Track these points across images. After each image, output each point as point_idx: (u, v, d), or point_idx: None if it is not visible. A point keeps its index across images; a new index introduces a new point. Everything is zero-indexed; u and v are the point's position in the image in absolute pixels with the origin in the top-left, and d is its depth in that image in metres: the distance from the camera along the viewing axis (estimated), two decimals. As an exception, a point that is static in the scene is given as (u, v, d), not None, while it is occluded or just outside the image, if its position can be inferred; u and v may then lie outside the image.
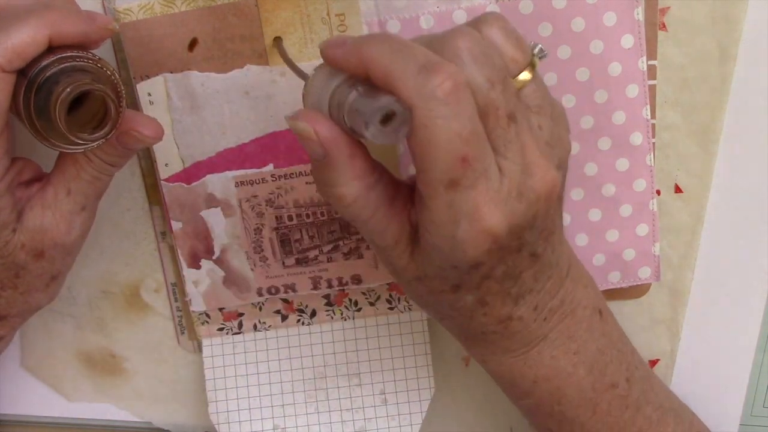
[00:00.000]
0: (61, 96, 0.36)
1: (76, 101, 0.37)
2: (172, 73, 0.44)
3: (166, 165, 0.47)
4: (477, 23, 0.34)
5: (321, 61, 0.35)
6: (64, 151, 0.38)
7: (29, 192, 0.40)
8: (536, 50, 0.35)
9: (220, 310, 0.50)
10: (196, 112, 0.45)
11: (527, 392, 0.41)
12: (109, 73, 0.37)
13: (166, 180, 0.47)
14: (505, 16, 0.35)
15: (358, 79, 0.33)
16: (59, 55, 0.37)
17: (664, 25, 0.45)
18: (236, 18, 0.43)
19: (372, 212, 0.35)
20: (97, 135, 0.38)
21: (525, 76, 0.34)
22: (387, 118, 0.31)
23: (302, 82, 0.37)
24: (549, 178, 0.34)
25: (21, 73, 0.36)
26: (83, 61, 0.37)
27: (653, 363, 0.51)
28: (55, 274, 0.42)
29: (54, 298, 0.44)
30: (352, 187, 0.34)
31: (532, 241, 0.36)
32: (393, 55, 0.31)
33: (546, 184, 0.34)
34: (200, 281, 0.49)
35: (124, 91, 0.38)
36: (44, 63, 0.36)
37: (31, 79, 0.36)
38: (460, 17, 0.43)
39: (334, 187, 0.34)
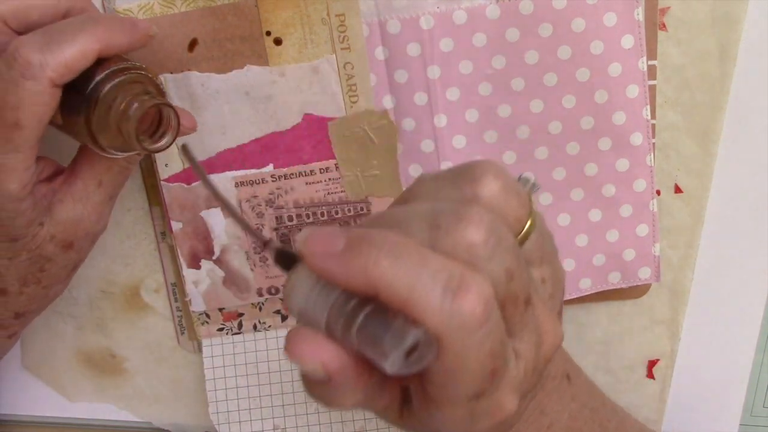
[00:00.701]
0: (131, 115, 0.37)
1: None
2: (172, 73, 0.44)
3: (166, 165, 0.47)
4: (473, 183, 0.30)
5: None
6: (116, 156, 0.40)
7: (53, 186, 0.41)
8: (529, 186, 0.31)
9: (220, 310, 0.50)
10: (196, 113, 0.45)
11: None
12: (156, 80, 0.39)
13: (166, 180, 0.47)
14: (496, 163, 0.30)
15: (360, 295, 0.27)
16: (111, 69, 0.38)
17: (664, 25, 0.45)
18: (236, 18, 0.43)
19: (366, 400, 0.31)
20: (161, 144, 0.39)
21: (527, 227, 0.31)
22: (410, 350, 0.26)
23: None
24: (557, 339, 0.32)
25: (67, 86, 0.37)
26: (134, 73, 0.38)
27: (653, 363, 0.51)
28: (77, 263, 0.44)
29: (65, 288, 0.45)
30: (353, 399, 0.30)
31: None
32: (408, 277, 0.26)
33: (555, 346, 0.32)
34: (200, 281, 0.49)
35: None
36: (98, 78, 0.37)
37: (88, 95, 0.37)
38: (460, 17, 0.43)
39: (333, 402, 0.30)
